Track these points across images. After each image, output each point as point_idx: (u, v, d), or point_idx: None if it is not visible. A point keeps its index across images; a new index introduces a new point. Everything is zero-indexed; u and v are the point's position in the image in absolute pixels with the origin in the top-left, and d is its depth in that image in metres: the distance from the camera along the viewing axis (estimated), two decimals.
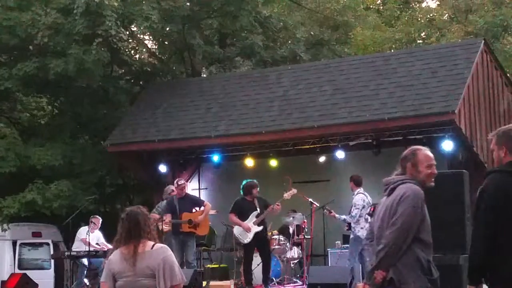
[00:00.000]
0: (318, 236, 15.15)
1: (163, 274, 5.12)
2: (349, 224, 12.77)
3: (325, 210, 13.31)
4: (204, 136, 16.04)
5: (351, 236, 12.79)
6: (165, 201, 13.54)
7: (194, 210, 13.18)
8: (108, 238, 15.60)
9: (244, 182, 12.66)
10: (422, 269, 5.07)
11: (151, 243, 5.21)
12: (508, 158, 4.77)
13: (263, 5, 21.24)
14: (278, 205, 12.57)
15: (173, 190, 13.50)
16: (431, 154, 5.34)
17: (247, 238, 12.45)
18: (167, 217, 12.92)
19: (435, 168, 5.31)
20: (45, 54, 17.63)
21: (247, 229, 12.41)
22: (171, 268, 5.17)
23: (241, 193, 12.62)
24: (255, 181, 12.68)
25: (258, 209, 12.47)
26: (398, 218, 5.07)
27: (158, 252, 5.18)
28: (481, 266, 4.66)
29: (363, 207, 12.69)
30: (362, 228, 12.60)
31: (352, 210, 12.74)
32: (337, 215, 13.08)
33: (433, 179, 5.30)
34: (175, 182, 13.54)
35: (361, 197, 12.78)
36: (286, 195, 12.81)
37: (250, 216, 12.45)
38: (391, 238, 5.06)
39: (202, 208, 13.29)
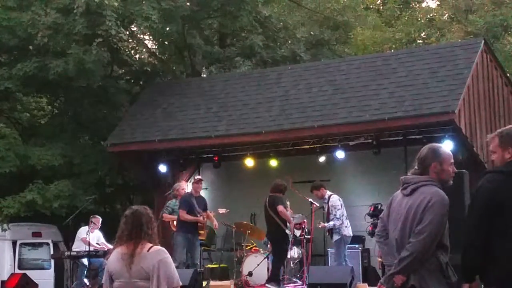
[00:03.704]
0: (318, 236, 15.14)
1: (158, 276, 5.06)
2: (330, 229, 12.83)
3: (318, 225, 13.30)
4: (204, 136, 16.04)
5: (337, 237, 12.80)
6: (173, 199, 13.41)
7: None
8: (108, 238, 15.60)
9: (280, 181, 12.66)
10: (443, 273, 5.01)
11: (149, 245, 5.17)
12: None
13: (263, 5, 21.23)
14: None
15: (183, 189, 13.49)
16: (450, 153, 5.27)
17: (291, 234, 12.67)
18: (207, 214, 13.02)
19: (454, 166, 5.23)
20: (45, 54, 17.64)
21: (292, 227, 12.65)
22: (167, 271, 5.11)
23: (278, 190, 12.52)
24: None
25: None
26: (426, 226, 4.92)
27: (154, 255, 5.14)
28: (473, 265, 4.66)
29: (341, 205, 12.84)
30: (346, 226, 12.74)
31: (334, 212, 12.78)
32: (326, 224, 13.05)
33: (452, 178, 5.22)
34: (193, 177, 13.53)
35: (336, 198, 12.98)
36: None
37: None
38: (418, 247, 4.92)
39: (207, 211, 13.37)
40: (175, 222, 13.17)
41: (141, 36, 22.84)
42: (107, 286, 5.27)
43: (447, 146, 13.68)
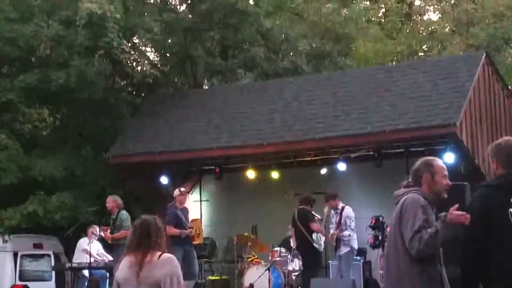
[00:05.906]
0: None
1: (170, 284, 5.05)
2: (338, 241, 12.85)
3: (334, 232, 13.23)
4: (205, 148, 16.03)
5: (347, 249, 12.82)
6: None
7: None
8: (107, 249, 15.58)
9: (309, 194, 12.95)
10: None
11: (159, 253, 5.16)
12: (499, 171, 4.77)
13: (265, 17, 21.27)
14: None
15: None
16: (444, 165, 5.23)
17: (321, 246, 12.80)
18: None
19: (448, 179, 5.18)
20: (47, 66, 17.65)
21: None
22: (178, 280, 5.11)
23: (307, 203, 12.76)
24: None
25: None
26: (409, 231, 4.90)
27: (165, 263, 5.12)
28: (471, 280, 4.68)
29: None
30: (354, 239, 12.77)
31: (348, 223, 12.84)
32: (344, 233, 13.00)
33: (446, 190, 5.16)
34: (177, 189, 13.39)
35: (350, 209, 13.01)
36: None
37: None
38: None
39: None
40: None
41: (143, 48, 22.90)
42: None
43: (448, 158, 13.73)
